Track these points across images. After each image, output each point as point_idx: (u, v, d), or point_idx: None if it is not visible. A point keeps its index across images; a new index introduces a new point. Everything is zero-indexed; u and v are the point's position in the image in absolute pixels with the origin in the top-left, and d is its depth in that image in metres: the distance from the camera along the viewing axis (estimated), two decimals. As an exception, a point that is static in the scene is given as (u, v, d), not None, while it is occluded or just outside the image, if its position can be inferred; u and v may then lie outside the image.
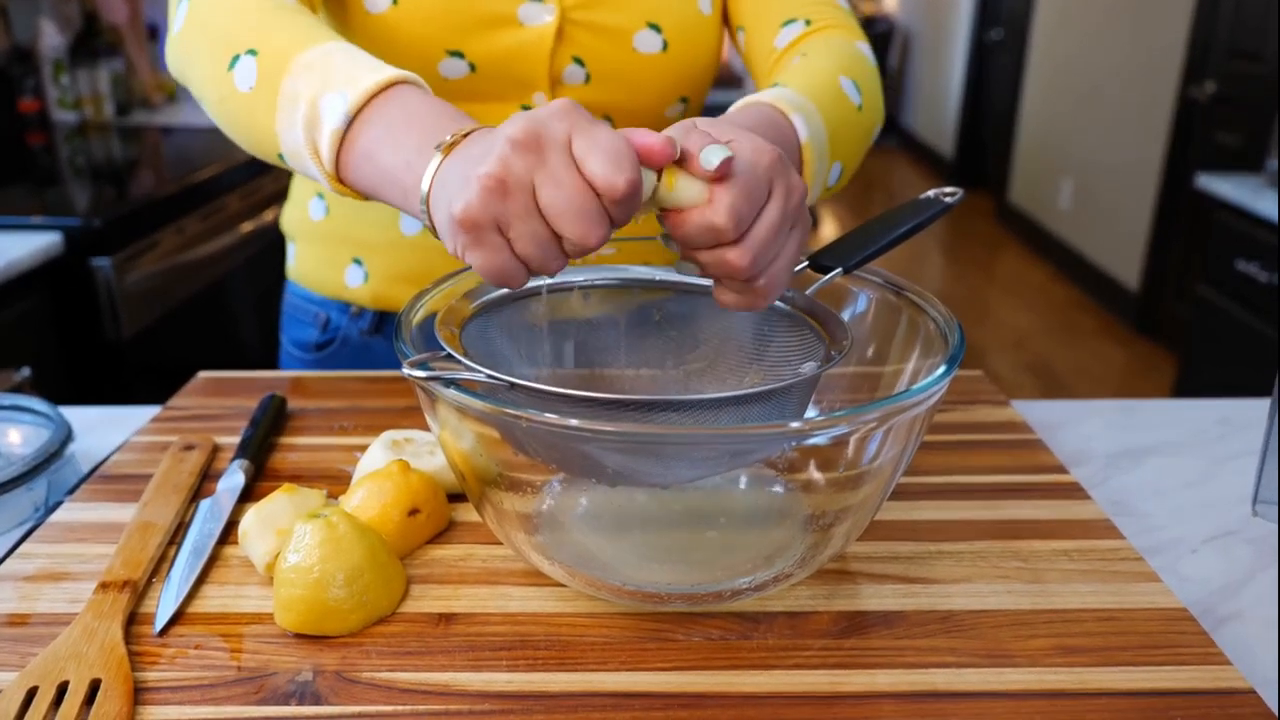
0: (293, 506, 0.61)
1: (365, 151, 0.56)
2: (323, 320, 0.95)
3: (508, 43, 0.78)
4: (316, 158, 0.59)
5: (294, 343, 0.99)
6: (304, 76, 0.59)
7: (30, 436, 0.77)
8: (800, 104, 0.66)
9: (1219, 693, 0.50)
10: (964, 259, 4.84)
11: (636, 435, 0.47)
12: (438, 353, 0.52)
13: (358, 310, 0.93)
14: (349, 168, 0.58)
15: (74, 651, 0.52)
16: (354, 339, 0.95)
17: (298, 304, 0.98)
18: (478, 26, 0.77)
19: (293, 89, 0.59)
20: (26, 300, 1.60)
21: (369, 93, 0.57)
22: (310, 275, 0.95)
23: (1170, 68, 3.48)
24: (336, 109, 0.57)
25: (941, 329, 0.57)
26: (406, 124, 0.55)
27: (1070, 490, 0.70)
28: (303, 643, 0.54)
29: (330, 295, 0.94)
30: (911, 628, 0.55)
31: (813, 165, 0.66)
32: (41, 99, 2.53)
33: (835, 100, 0.71)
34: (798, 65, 0.75)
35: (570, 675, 0.52)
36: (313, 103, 0.58)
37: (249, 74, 0.62)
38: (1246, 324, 2.22)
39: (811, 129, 0.66)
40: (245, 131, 0.65)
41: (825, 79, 0.72)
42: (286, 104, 0.60)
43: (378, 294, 0.91)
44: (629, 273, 0.64)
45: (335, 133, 0.57)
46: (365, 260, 0.90)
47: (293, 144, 0.60)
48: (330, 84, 0.58)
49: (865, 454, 0.54)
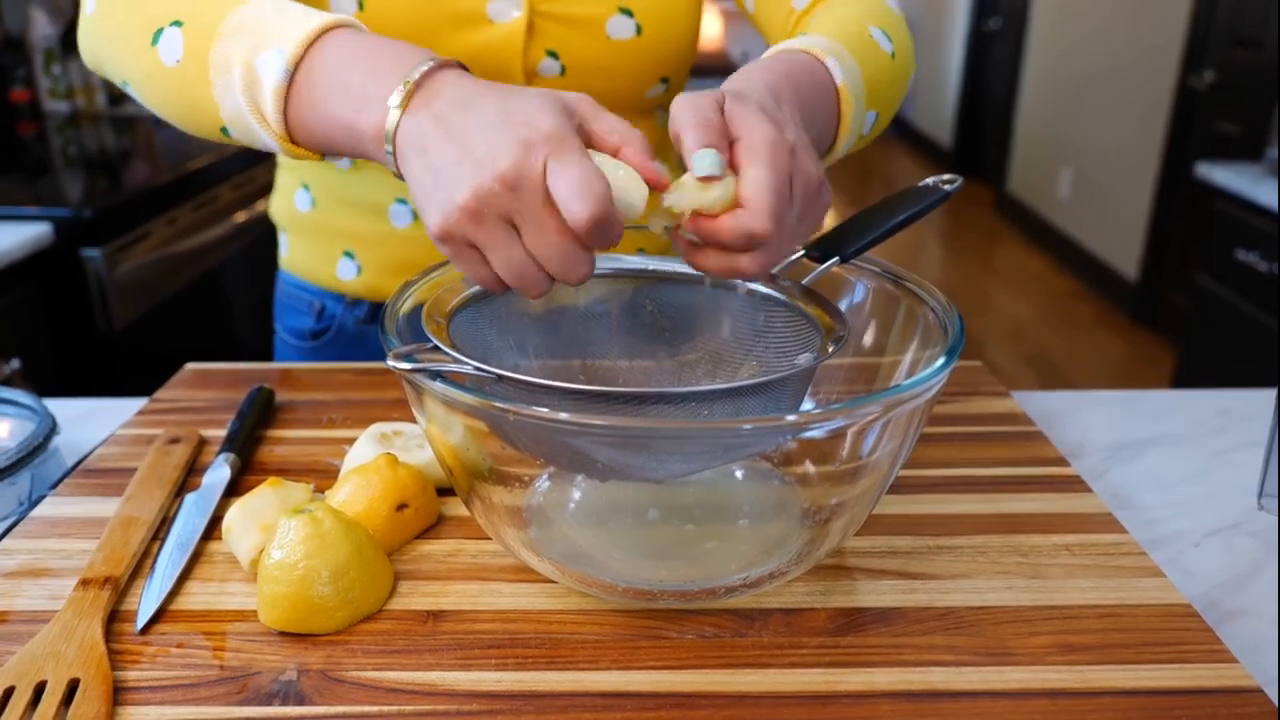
0: (278, 501, 0.60)
1: (311, 103, 0.55)
2: (317, 309, 0.94)
3: (478, 40, 0.76)
4: (263, 121, 0.56)
5: (289, 331, 0.98)
6: (233, 39, 0.56)
7: (14, 429, 0.75)
8: (833, 48, 0.64)
9: (1225, 691, 0.49)
10: (962, 249, 4.82)
11: (628, 429, 0.46)
12: (424, 344, 0.50)
13: (353, 300, 0.92)
14: (298, 124, 0.56)
15: (52, 650, 0.51)
16: (349, 328, 0.93)
17: (292, 293, 0.96)
18: (447, 26, 0.75)
19: (224, 54, 0.57)
20: (16, 291, 1.59)
21: (304, 42, 0.55)
22: (303, 266, 0.94)
23: (1169, 56, 3.46)
24: (274, 65, 0.55)
25: (941, 319, 0.56)
26: (351, 67, 0.54)
27: (1071, 483, 0.69)
28: (287, 641, 0.53)
29: (324, 286, 0.93)
30: (910, 625, 0.54)
31: (851, 110, 0.64)
32: (33, 89, 2.51)
33: (867, 47, 0.69)
34: (823, 16, 0.73)
35: (561, 674, 0.51)
36: (248, 64, 0.56)
37: (174, 46, 0.59)
38: (1246, 314, 2.21)
39: (847, 72, 0.64)
40: (179, 108, 0.62)
41: (855, 27, 0.70)
42: (220, 71, 0.57)
43: (371, 286, 0.90)
44: (621, 262, 0.62)
45: (277, 90, 0.55)
46: (357, 253, 0.89)
47: (233, 110, 0.58)
48: (263, 41, 0.55)
49: (863, 447, 0.52)
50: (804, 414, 0.48)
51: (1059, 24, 4.56)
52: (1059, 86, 4.53)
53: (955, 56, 6.19)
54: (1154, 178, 3.57)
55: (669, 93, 0.86)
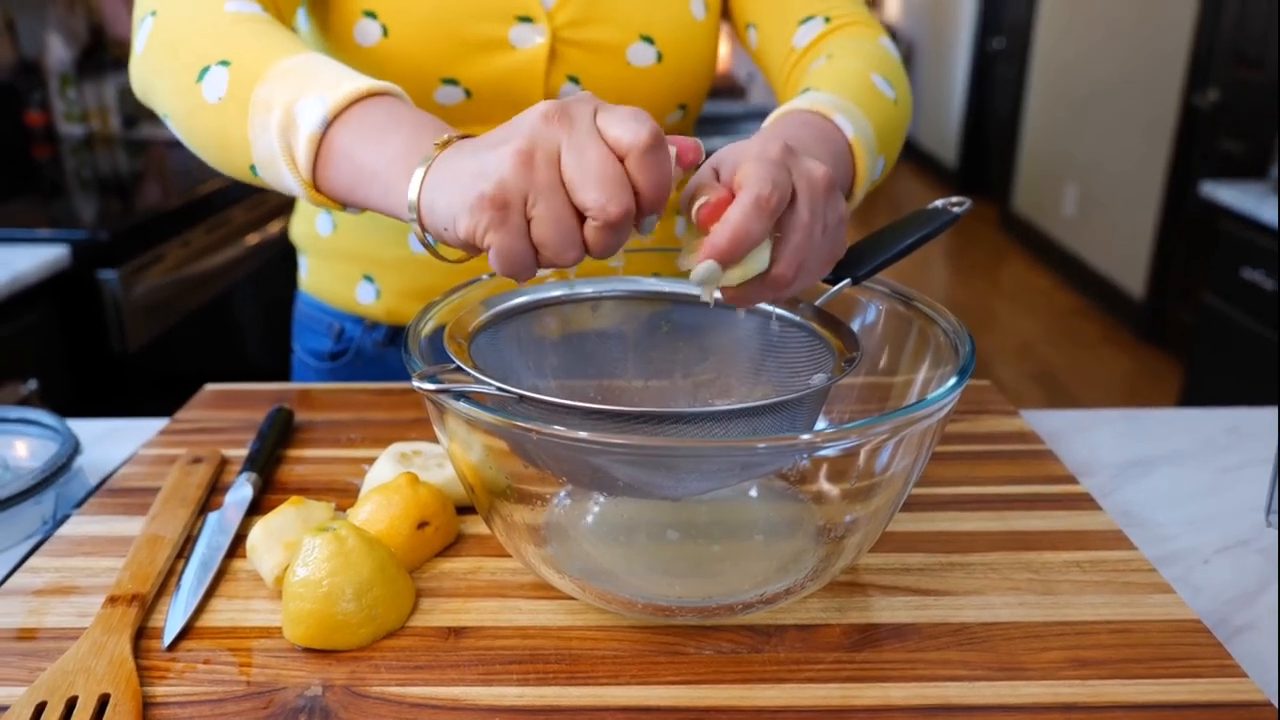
0: (301, 519, 0.61)
1: (344, 151, 0.55)
2: (336, 330, 0.95)
3: (501, 66, 0.78)
4: (292, 163, 0.58)
5: (308, 351, 0.99)
6: (279, 83, 0.58)
7: (37, 449, 0.77)
8: (840, 105, 0.66)
9: (1235, 705, 0.50)
10: (968, 267, 4.83)
11: (647, 448, 0.47)
12: (447, 365, 0.51)
13: (371, 323, 0.93)
14: (326, 170, 0.57)
15: (82, 666, 0.52)
16: (368, 350, 0.95)
17: (311, 314, 0.98)
18: (470, 52, 0.77)
19: (266, 96, 0.58)
20: (33, 313, 1.61)
21: (350, 98, 0.56)
22: (322, 289, 0.95)
23: (1173, 75, 3.48)
24: (314, 112, 0.56)
25: (951, 340, 0.57)
26: (389, 127, 0.55)
27: (1080, 501, 0.70)
28: (311, 657, 0.54)
29: (343, 309, 0.94)
30: (924, 640, 0.55)
31: (864, 161, 0.66)
32: (48, 112, 2.54)
33: (872, 98, 0.71)
34: (825, 67, 0.74)
35: (581, 689, 0.51)
36: (288, 108, 0.57)
37: (219, 84, 0.61)
38: (1252, 331, 2.22)
39: (857, 126, 0.66)
40: (214, 144, 0.63)
41: (858, 80, 0.72)
42: (259, 111, 0.58)
43: (391, 310, 0.91)
44: (637, 284, 0.64)
45: (312, 136, 0.56)
46: (377, 277, 0.90)
47: (265, 151, 0.59)
48: (307, 89, 0.57)
49: (876, 465, 0.53)
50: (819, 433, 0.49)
51: (1062, 43, 4.59)
52: (1063, 105, 4.55)
53: (959, 76, 6.22)
54: (1159, 196, 3.58)
55: (686, 118, 0.88)
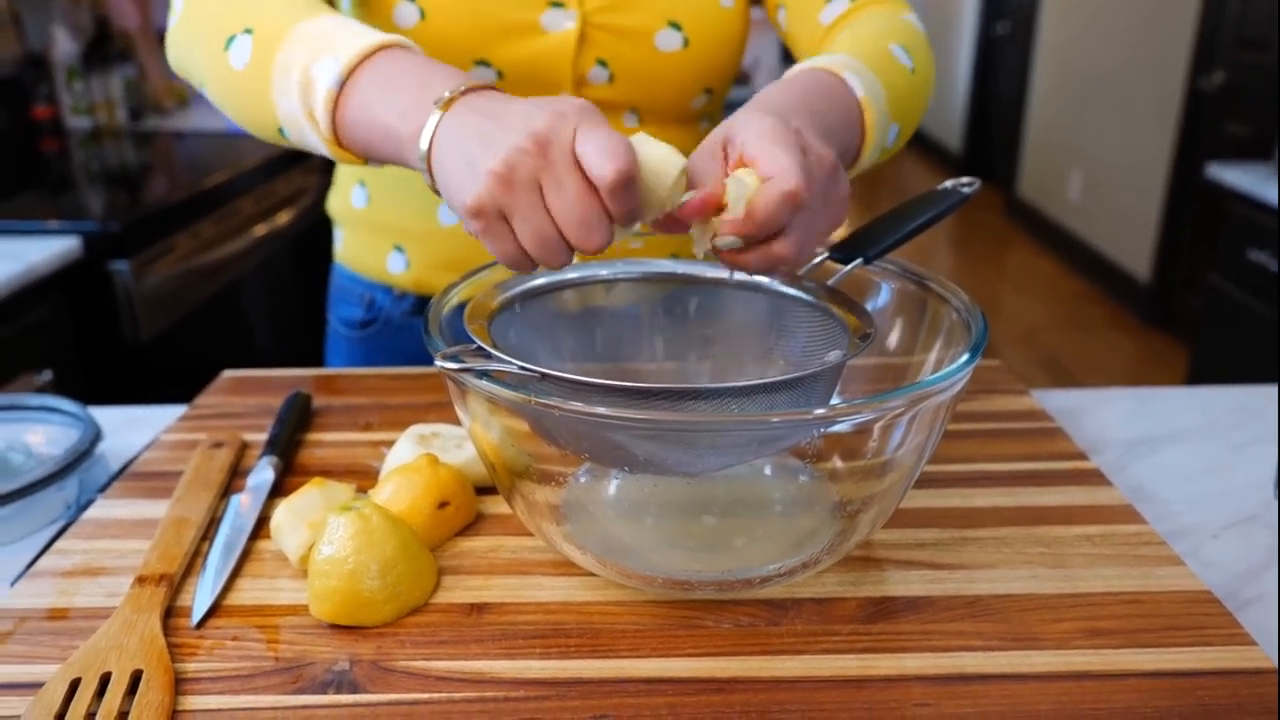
0: (324, 500, 0.62)
1: (359, 105, 0.58)
2: (367, 300, 0.98)
3: (532, 49, 0.80)
4: (313, 122, 0.61)
5: (341, 320, 1.03)
6: (297, 46, 0.61)
7: (58, 436, 0.78)
8: (851, 64, 0.67)
9: (1245, 672, 0.51)
10: (973, 252, 4.83)
11: (667, 423, 0.48)
12: (468, 345, 0.52)
13: (400, 293, 0.96)
14: (344, 127, 0.60)
15: (115, 644, 0.53)
16: (395, 319, 0.98)
17: (345, 285, 1.01)
18: (502, 36, 0.79)
19: (286, 59, 0.61)
20: (47, 304, 1.62)
21: (361, 54, 0.58)
22: (356, 259, 0.98)
23: (1178, 58, 3.47)
24: (329, 71, 0.59)
25: (964, 318, 0.58)
26: (400, 79, 0.57)
27: (1091, 477, 0.71)
28: (338, 633, 0.55)
29: (375, 279, 0.97)
30: (939, 612, 0.56)
31: (874, 121, 0.67)
32: (55, 105, 2.55)
33: (885, 62, 0.71)
34: (844, 36, 0.76)
35: (602, 662, 0.53)
36: (305, 69, 0.60)
37: (244, 51, 0.64)
38: (1258, 314, 2.22)
39: (867, 86, 0.66)
40: (244, 109, 0.66)
41: (874, 46, 0.72)
42: (280, 75, 0.61)
43: (419, 280, 0.94)
44: (653, 266, 0.65)
45: (329, 94, 0.59)
46: (406, 248, 0.93)
47: (288, 112, 0.62)
48: (322, 50, 0.60)
49: (890, 442, 0.54)
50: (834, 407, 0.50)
51: (1067, 27, 4.57)
52: (1068, 89, 4.54)
53: (964, 61, 6.20)
54: (1164, 179, 3.57)
55: (712, 103, 0.89)
